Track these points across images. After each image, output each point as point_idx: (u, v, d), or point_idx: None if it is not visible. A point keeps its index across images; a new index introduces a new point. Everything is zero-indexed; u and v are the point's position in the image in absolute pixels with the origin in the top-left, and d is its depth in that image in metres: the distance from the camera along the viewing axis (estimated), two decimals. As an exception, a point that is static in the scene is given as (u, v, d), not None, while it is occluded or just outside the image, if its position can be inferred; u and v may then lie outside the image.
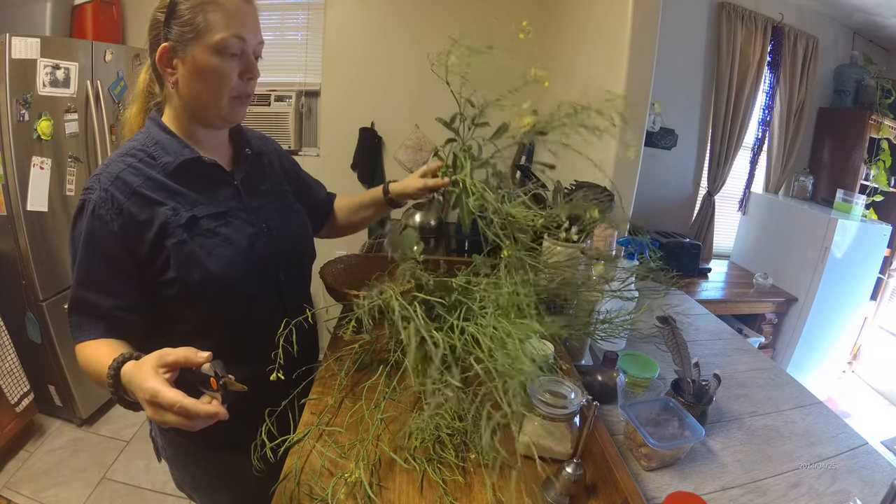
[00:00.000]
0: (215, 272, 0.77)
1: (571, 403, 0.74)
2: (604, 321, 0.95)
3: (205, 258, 0.77)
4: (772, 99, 2.85)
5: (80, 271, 0.75)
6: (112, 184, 0.72)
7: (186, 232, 0.75)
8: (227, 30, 0.73)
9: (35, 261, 1.88)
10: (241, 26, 0.74)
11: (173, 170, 0.77)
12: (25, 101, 1.76)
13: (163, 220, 0.74)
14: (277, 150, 1.04)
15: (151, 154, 0.77)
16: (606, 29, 1.71)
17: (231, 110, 0.80)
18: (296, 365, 0.84)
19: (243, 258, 0.81)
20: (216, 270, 0.78)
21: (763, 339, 2.61)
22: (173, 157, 0.77)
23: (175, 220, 0.75)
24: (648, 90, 1.56)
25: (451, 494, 0.68)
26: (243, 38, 0.75)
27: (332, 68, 2.58)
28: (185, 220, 0.75)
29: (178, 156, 0.77)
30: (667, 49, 2.29)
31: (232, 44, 0.74)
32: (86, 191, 0.74)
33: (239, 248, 0.81)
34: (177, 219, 0.75)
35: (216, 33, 0.72)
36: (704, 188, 2.92)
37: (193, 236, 0.76)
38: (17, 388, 1.95)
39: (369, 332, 0.90)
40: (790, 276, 2.63)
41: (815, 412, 1.04)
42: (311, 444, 0.76)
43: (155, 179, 0.75)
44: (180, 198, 0.77)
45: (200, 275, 0.76)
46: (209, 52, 0.73)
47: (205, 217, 0.78)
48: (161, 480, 1.90)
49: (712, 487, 0.80)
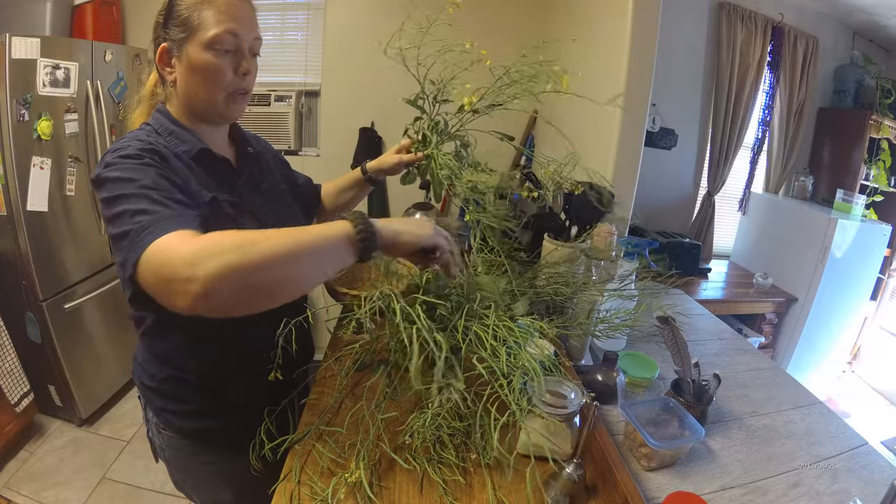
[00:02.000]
0: None
1: (571, 403, 0.74)
2: (603, 320, 0.95)
3: None
4: (772, 99, 2.85)
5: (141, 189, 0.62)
6: (147, 143, 0.71)
7: (210, 210, 0.75)
8: (220, 26, 0.74)
9: (35, 261, 1.88)
10: (234, 22, 0.75)
11: (193, 157, 0.78)
12: (25, 101, 1.76)
13: (191, 192, 0.72)
14: (271, 151, 1.06)
15: (167, 142, 0.77)
16: (606, 29, 1.71)
17: (227, 107, 0.81)
18: (293, 364, 0.84)
19: None
20: None
21: (763, 339, 2.61)
22: (191, 146, 0.78)
23: (200, 197, 0.74)
24: (648, 90, 1.56)
25: (452, 494, 0.68)
26: (236, 34, 0.76)
27: (332, 68, 2.58)
28: (209, 199, 0.75)
29: (195, 145, 0.78)
30: (667, 49, 2.30)
31: (225, 40, 0.75)
32: (113, 151, 0.68)
33: None
34: (200, 196, 0.75)
35: (209, 30, 0.74)
36: (704, 188, 2.92)
37: (216, 216, 0.76)
38: (17, 388, 1.95)
39: (370, 333, 0.90)
40: (790, 276, 2.63)
41: (815, 412, 1.04)
42: (311, 444, 0.76)
43: (179, 157, 0.75)
44: (202, 180, 0.77)
45: None
46: (203, 48, 0.74)
47: (224, 201, 0.79)
48: (161, 480, 1.90)
49: (712, 487, 0.80)
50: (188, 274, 0.51)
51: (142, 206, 0.59)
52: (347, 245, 0.61)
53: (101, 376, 2.27)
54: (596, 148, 1.63)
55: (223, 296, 0.52)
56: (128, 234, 0.58)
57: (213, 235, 0.54)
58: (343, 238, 0.60)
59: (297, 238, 0.57)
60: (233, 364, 0.86)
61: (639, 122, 1.58)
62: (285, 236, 0.56)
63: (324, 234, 0.59)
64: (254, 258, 0.53)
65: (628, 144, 1.58)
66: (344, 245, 0.60)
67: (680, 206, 2.96)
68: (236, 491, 0.95)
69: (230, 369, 0.86)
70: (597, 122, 1.69)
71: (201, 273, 0.51)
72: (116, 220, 0.60)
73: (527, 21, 2.51)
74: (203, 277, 0.51)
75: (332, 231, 0.60)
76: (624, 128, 1.55)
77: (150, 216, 0.58)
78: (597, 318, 0.96)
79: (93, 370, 2.21)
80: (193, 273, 0.51)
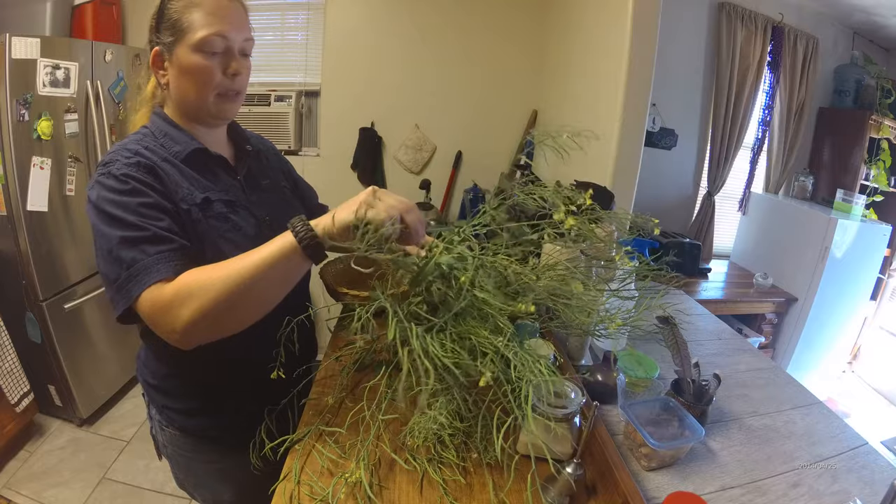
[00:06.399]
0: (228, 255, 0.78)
1: (571, 403, 0.74)
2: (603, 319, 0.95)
3: (217, 239, 0.78)
4: (772, 99, 2.85)
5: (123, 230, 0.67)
6: (135, 154, 0.73)
7: (201, 211, 0.76)
8: (208, 28, 0.75)
9: (35, 261, 1.88)
10: (222, 24, 0.76)
11: (184, 158, 0.79)
12: (25, 101, 1.76)
13: (181, 196, 0.75)
14: (275, 151, 1.06)
15: (162, 143, 0.79)
16: (606, 29, 1.71)
17: (218, 107, 0.81)
18: (295, 363, 0.84)
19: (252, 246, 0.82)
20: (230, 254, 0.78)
21: (763, 339, 2.61)
22: (183, 147, 0.79)
23: (190, 199, 0.76)
24: (648, 90, 1.56)
25: (452, 494, 0.68)
26: (224, 36, 0.76)
27: (332, 68, 2.58)
28: (200, 200, 0.77)
29: (188, 145, 0.79)
30: (667, 49, 2.30)
31: (213, 41, 0.75)
32: (104, 165, 0.71)
33: (248, 237, 0.81)
34: (192, 197, 0.76)
35: (197, 32, 0.74)
36: (704, 188, 2.92)
37: (207, 217, 0.77)
38: (17, 388, 1.95)
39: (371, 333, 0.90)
40: (790, 276, 2.63)
41: (815, 412, 1.04)
42: (311, 444, 0.76)
43: (170, 161, 0.77)
44: (193, 181, 0.78)
45: (212, 256, 0.76)
46: (191, 50, 0.75)
47: (217, 201, 0.80)
48: (161, 480, 1.90)
49: (712, 487, 0.80)
50: (168, 328, 0.64)
51: (122, 254, 0.66)
52: (294, 252, 0.64)
53: (101, 376, 2.27)
54: (596, 148, 1.63)
55: (201, 336, 0.65)
56: (114, 281, 0.67)
57: (176, 285, 0.64)
58: (288, 248, 0.64)
59: (249, 263, 0.63)
60: (234, 364, 0.86)
61: (639, 122, 1.58)
62: (236, 264, 0.64)
63: (270, 251, 0.64)
64: (214, 297, 0.62)
65: (628, 144, 1.58)
66: (291, 254, 0.64)
67: (680, 206, 2.96)
68: (237, 490, 0.96)
69: (231, 369, 0.87)
70: (597, 122, 1.69)
71: (178, 326, 0.63)
72: (101, 256, 0.68)
73: (527, 21, 2.51)
74: (180, 330, 0.63)
75: (277, 245, 0.64)
76: (624, 128, 1.55)
77: (129, 270, 0.65)
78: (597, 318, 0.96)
79: (93, 370, 2.21)
80: (172, 328, 0.64)
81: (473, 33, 2.53)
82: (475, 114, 2.63)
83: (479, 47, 2.55)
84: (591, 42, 1.89)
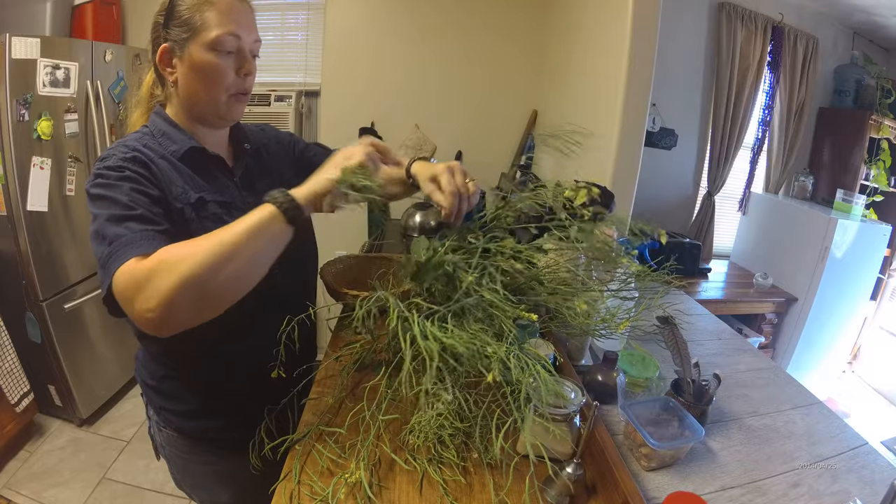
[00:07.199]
0: None
1: (571, 403, 0.74)
2: (604, 320, 0.95)
3: None
4: (772, 99, 2.85)
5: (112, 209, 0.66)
6: (132, 150, 0.73)
7: (195, 211, 0.76)
8: (222, 27, 0.74)
9: (35, 261, 1.88)
10: (236, 24, 0.76)
11: (181, 157, 0.78)
12: (25, 101, 1.76)
13: (175, 194, 0.75)
14: (277, 139, 1.03)
15: (160, 143, 0.79)
16: (606, 29, 1.71)
17: (229, 108, 0.81)
18: (295, 363, 0.84)
19: None
20: None
21: (763, 339, 2.61)
22: (180, 146, 0.79)
23: (185, 198, 0.76)
24: (648, 90, 1.56)
25: (452, 494, 0.68)
26: (238, 36, 0.76)
27: (332, 68, 2.58)
28: (195, 200, 0.77)
29: (185, 144, 0.79)
30: (667, 49, 2.30)
31: (227, 41, 0.75)
32: (101, 160, 0.71)
33: None
34: (186, 196, 0.76)
35: (212, 31, 0.74)
36: (704, 188, 2.92)
37: (201, 217, 0.77)
38: (17, 388, 1.95)
39: (371, 333, 0.90)
40: (790, 276, 2.63)
41: (815, 412, 1.04)
42: (311, 444, 0.76)
43: (167, 159, 0.77)
44: (189, 180, 0.78)
45: None
46: (205, 49, 0.75)
47: (212, 202, 0.79)
48: (161, 480, 1.90)
49: (712, 487, 0.80)
50: (144, 306, 0.57)
51: (107, 231, 0.64)
52: (275, 217, 0.65)
53: (101, 376, 2.27)
54: (596, 148, 1.63)
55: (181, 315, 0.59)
56: (99, 259, 0.64)
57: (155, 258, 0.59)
58: (270, 213, 0.65)
59: (231, 231, 0.62)
60: (232, 366, 0.86)
61: (639, 122, 1.58)
62: (220, 233, 0.62)
63: (253, 218, 0.64)
64: (198, 264, 0.58)
65: (628, 144, 1.58)
66: (273, 219, 0.65)
67: (680, 206, 2.96)
68: (235, 491, 0.96)
69: (228, 370, 0.86)
70: (597, 122, 1.69)
71: (154, 302, 0.56)
72: (93, 240, 0.66)
73: (527, 21, 2.51)
74: (156, 306, 0.56)
75: (259, 212, 0.65)
76: (624, 128, 1.55)
77: (111, 246, 0.62)
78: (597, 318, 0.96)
79: (93, 370, 2.21)
80: (148, 305, 0.57)
81: (473, 33, 2.53)
82: (475, 114, 2.63)
83: (479, 47, 2.55)
84: (591, 42, 1.89)
